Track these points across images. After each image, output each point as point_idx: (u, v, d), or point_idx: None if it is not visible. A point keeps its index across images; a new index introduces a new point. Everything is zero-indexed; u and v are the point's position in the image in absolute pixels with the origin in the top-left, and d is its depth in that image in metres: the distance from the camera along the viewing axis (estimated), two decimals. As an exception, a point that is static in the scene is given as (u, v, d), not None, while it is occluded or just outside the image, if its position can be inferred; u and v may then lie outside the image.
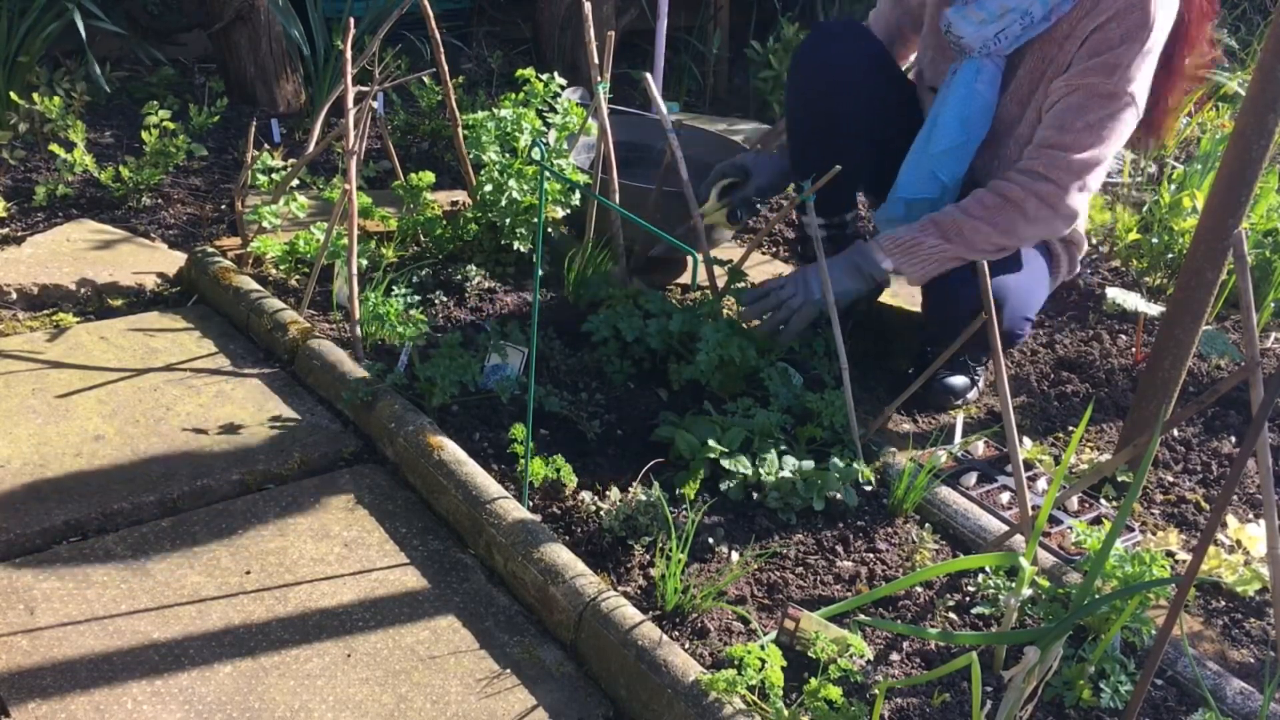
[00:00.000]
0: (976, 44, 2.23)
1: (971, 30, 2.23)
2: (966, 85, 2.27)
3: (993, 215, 2.19)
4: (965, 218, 2.21)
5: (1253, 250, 2.99)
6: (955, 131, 2.28)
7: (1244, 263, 1.45)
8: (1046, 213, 2.17)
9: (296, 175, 2.69)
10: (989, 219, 2.19)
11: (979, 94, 2.27)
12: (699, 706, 1.50)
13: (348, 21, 2.48)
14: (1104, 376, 2.75)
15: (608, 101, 2.61)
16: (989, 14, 2.21)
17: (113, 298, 2.63)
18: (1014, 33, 2.20)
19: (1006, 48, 2.23)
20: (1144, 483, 2.18)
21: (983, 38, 2.22)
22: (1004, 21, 2.20)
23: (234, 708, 1.53)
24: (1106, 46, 2.10)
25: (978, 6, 2.22)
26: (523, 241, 2.70)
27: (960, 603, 1.84)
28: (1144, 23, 2.08)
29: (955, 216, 2.22)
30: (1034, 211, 2.17)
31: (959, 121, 2.28)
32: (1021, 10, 2.17)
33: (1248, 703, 1.66)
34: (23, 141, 3.33)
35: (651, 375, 2.39)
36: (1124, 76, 2.09)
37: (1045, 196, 2.15)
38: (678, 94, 4.75)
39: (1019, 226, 2.19)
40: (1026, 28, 2.20)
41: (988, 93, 2.27)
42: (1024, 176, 2.18)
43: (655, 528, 1.86)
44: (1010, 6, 2.18)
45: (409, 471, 2.05)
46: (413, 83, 3.85)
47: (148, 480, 1.96)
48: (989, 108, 2.28)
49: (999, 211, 2.19)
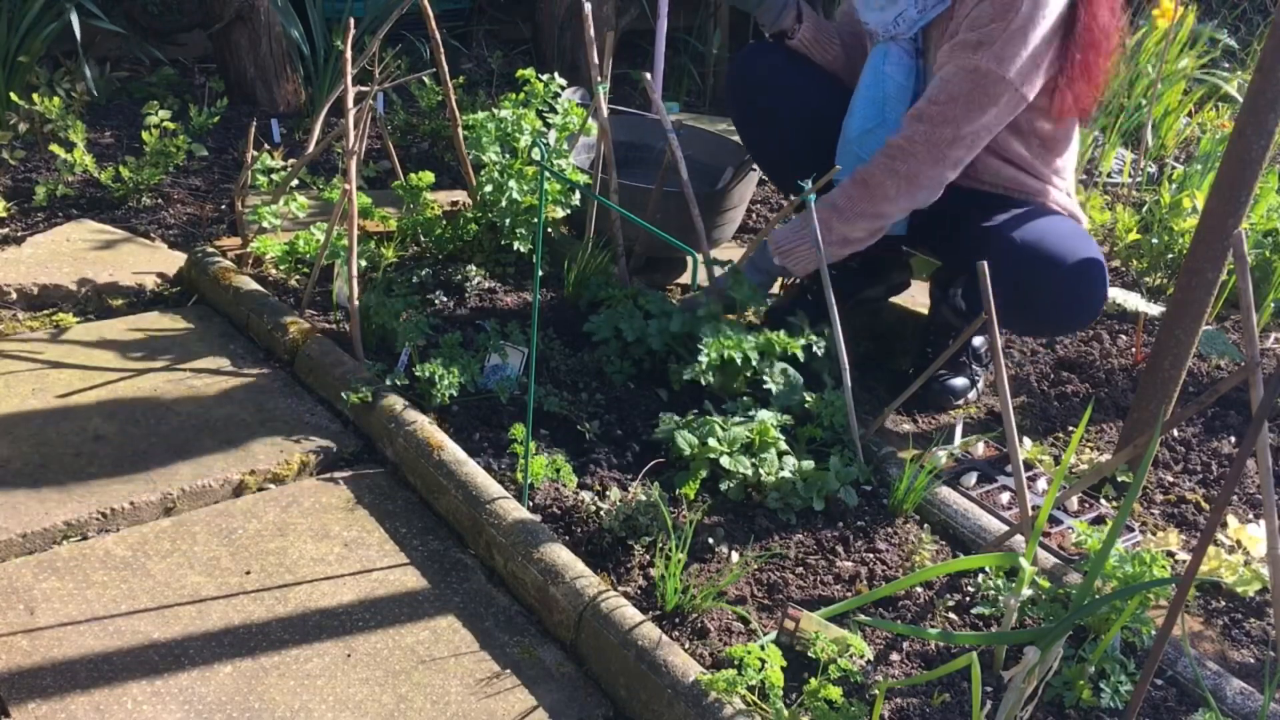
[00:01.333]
0: (880, 29, 2.34)
1: (874, 16, 2.35)
2: (875, 69, 2.35)
3: (857, 204, 2.27)
4: (834, 213, 2.28)
5: (1253, 250, 2.99)
6: (870, 114, 2.35)
7: (1244, 263, 1.45)
8: (908, 188, 2.25)
9: (296, 175, 2.69)
10: (854, 209, 2.27)
11: (889, 76, 2.34)
12: (699, 706, 1.50)
13: (348, 21, 2.48)
14: (1104, 376, 2.75)
15: (608, 101, 2.61)
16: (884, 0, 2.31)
17: (113, 298, 2.63)
18: (911, 16, 2.29)
19: (908, 30, 2.32)
20: (1144, 483, 2.18)
21: (883, 22, 2.32)
22: (899, 6, 2.29)
23: (234, 708, 1.53)
24: (978, 24, 2.17)
25: None
26: (523, 241, 2.70)
27: (960, 603, 1.85)
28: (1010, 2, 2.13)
29: (825, 212, 2.27)
30: (894, 190, 2.24)
31: (871, 104, 2.36)
32: None
33: (1248, 703, 1.66)
34: (23, 141, 3.33)
35: (652, 375, 2.39)
36: (991, 54, 2.14)
37: (904, 175, 2.23)
38: (678, 94, 4.75)
39: (883, 206, 2.26)
40: (923, 10, 2.28)
41: (897, 74, 2.34)
42: (885, 157, 2.24)
43: (655, 528, 1.86)
44: None
45: (409, 471, 2.05)
46: (413, 83, 3.85)
47: (148, 480, 1.96)
48: (903, 88, 2.35)
49: (862, 200, 2.26)
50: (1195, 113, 4.65)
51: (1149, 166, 4.17)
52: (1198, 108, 4.71)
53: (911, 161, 2.22)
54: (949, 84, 2.19)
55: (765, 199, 3.72)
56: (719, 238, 2.95)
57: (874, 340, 2.76)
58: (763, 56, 2.58)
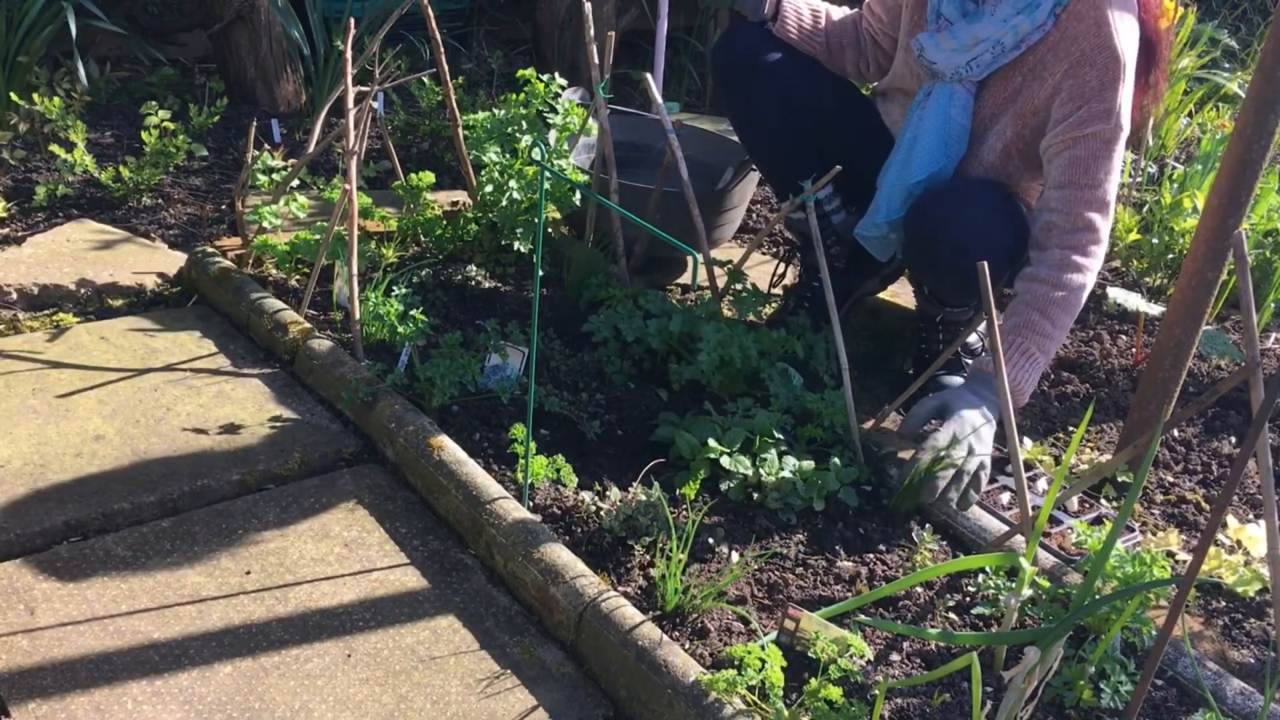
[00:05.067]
0: (949, 71, 2.27)
1: (944, 58, 2.27)
2: (942, 111, 2.30)
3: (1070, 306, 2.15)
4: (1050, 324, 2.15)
5: (1253, 250, 2.99)
6: (937, 156, 2.31)
7: (1244, 263, 1.45)
8: (1094, 263, 2.18)
9: (296, 175, 2.69)
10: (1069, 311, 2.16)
11: (953, 119, 2.30)
12: (699, 707, 1.50)
13: (348, 22, 2.48)
14: (1104, 376, 2.75)
15: (607, 102, 2.61)
16: (960, 44, 2.25)
17: (113, 298, 2.63)
18: (985, 61, 2.24)
19: (978, 75, 2.27)
20: (1144, 483, 2.18)
21: (955, 65, 2.26)
22: (975, 51, 2.23)
23: (234, 708, 1.53)
24: (1089, 92, 2.13)
25: (951, 35, 2.26)
26: (523, 241, 2.70)
27: (960, 603, 1.84)
28: (1115, 60, 2.11)
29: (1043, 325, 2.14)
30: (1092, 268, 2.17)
31: (940, 146, 2.30)
32: (993, 40, 2.21)
33: (1248, 703, 1.66)
34: (23, 141, 3.33)
35: (652, 375, 2.39)
36: (1116, 117, 2.12)
37: (1093, 254, 2.16)
38: (678, 94, 4.75)
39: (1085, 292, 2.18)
40: (997, 56, 2.23)
41: (961, 117, 2.30)
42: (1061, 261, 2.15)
43: (655, 528, 1.86)
44: (982, 37, 2.22)
45: (409, 472, 2.05)
46: (413, 83, 3.85)
47: (148, 480, 1.96)
48: (964, 131, 2.31)
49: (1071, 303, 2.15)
50: (1195, 113, 4.65)
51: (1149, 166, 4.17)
52: (1198, 108, 4.70)
53: (1091, 245, 2.16)
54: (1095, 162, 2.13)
55: (765, 199, 3.72)
56: (719, 238, 2.95)
57: (873, 340, 2.76)
58: (747, 35, 2.53)
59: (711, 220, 2.82)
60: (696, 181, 2.63)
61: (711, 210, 2.80)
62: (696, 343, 2.27)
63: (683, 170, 2.56)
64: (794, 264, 2.98)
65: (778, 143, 2.54)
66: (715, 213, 2.83)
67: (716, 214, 2.84)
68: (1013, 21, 2.19)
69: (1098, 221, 2.16)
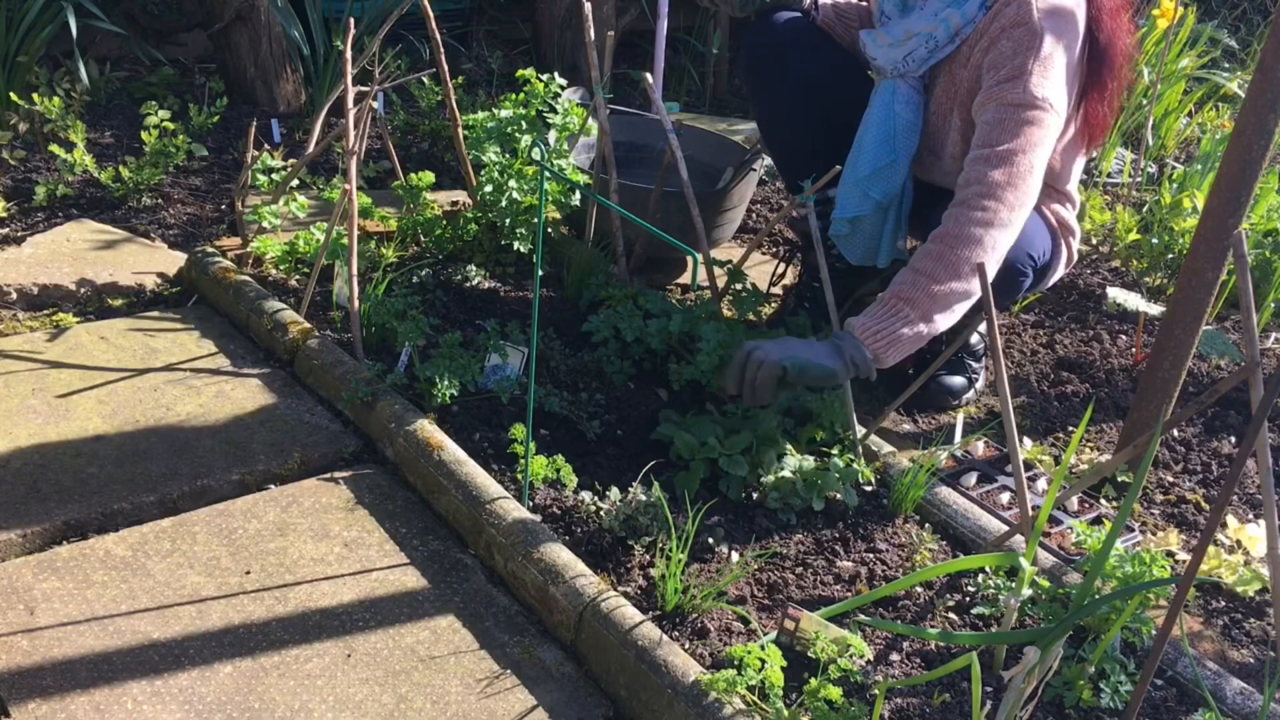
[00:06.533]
0: (888, 66, 2.31)
1: (881, 53, 2.31)
2: (885, 107, 2.32)
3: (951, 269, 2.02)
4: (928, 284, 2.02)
5: (1253, 250, 2.99)
6: (881, 152, 2.31)
7: (1244, 263, 1.45)
8: (994, 233, 2.03)
9: (296, 175, 2.69)
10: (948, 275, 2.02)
11: (897, 114, 2.31)
12: (699, 706, 1.50)
13: (348, 21, 2.48)
14: (1104, 376, 2.75)
15: (607, 102, 2.61)
16: (893, 39, 2.29)
17: (113, 298, 2.63)
18: (920, 56, 2.26)
19: (916, 69, 2.29)
20: (1144, 483, 2.18)
21: (892, 60, 2.29)
22: (909, 45, 2.26)
23: (234, 708, 1.53)
24: (1003, 61, 2.13)
25: (885, 31, 2.32)
26: (523, 241, 2.70)
27: (960, 603, 1.85)
28: (1031, 31, 2.10)
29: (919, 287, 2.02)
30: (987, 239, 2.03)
31: (882, 142, 2.31)
32: (925, 35, 2.24)
33: (1248, 703, 1.66)
34: (23, 141, 3.33)
35: (652, 375, 2.39)
36: (1026, 82, 2.08)
37: (988, 222, 2.03)
38: (678, 94, 4.75)
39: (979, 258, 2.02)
40: (932, 50, 2.25)
41: (906, 112, 2.31)
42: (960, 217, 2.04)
43: (655, 528, 1.86)
44: (915, 32, 2.25)
45: (409, 471, 2.05)
46: (413, 83, 3.85)
47: (148, 480, 1.96)
48: (912, 125, 2.32)
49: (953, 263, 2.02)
50: (1195, 113, 4.65)
51: (1149, 166, 4.17)
52: (1198, 108, 4.71)
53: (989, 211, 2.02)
54: (1001, 123, 2.08)
55: (765, 199, 3.72)
56: (719, 238, 2.95)
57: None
58: (777, 25, 2.54)
59: (711, 220, 2.82)
60: (696, 181, 2.63)
61: (711, 210, 2.80)
62: (696, 343, 2.27)
63: (683, 170, 2.56)
64: (794, 264, 2.98)
65: (803, 141, 2.54)
66: (715, 213, 2.83)
67: (716, 214, 2.85)
68: (943, 15, 2.22)
69: (996, 177, 2.03)
